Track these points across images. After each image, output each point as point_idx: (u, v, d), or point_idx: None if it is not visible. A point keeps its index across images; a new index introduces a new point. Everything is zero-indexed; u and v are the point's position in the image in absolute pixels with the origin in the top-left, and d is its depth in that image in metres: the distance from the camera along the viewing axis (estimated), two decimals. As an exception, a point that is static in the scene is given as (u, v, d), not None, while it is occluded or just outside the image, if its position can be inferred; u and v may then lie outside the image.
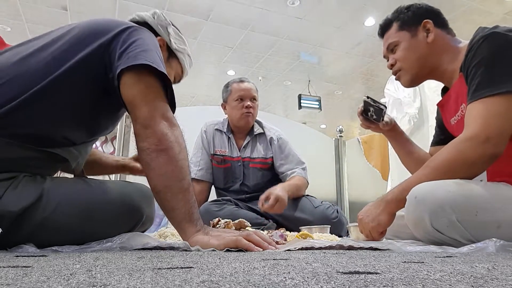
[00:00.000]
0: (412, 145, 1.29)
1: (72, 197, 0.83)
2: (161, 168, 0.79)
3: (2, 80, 0.80)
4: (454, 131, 1.11)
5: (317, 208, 1.71)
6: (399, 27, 1.14)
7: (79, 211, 0.82)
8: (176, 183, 0.79)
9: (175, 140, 0.82)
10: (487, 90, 0.87)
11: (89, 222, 0.83)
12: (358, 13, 4.50)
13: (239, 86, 1.90)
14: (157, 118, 0.81)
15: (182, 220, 0.79)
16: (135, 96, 0.82)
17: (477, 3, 4.29)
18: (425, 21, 1.09)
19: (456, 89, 1.04)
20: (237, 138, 1.94)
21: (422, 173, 0.92)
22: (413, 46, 1.11)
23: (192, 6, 4.29)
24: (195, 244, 0.76)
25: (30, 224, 0.77)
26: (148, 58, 0.83)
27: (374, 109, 1.23)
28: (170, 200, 0.79)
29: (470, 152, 0.87)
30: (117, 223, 0.88)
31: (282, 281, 0.35)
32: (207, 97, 7.21)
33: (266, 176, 1.91)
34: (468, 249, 0.74)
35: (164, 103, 0.85)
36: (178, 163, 0.80)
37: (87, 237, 0.84)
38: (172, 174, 0.79)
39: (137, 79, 0.83)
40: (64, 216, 0.80)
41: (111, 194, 0.89)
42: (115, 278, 0.36)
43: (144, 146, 0.81)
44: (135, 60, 0.82)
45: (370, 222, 0.98)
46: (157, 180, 0.80)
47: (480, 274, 0.40)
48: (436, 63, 1.10)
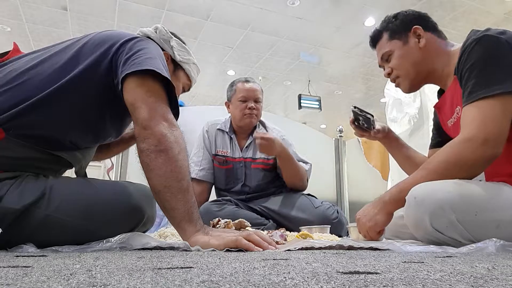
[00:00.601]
0: (408, 149, 1.31)
1: (74, 196, 0.84)
2: (161, 169, 0.80)
3: (17, 82, 0.84)
4: (451, 133, 1.11)
5: (318, 208, 1.71)
6: (389, 36, 1.15)
7: (80, 210, 0.83)
8: (176, 183, 0.80)
9: (174, 140, 0.82)
10: (482, 92, 0.88)
11: (91, 222, 0.84)
12: (358, 13, 4.51)
13: (243, 86, 1.89)
14: (157, 119, 0.82)
15: (182, 220, 0.79)
16: (136, 98, 0.84)
17: (477, 3, 4.29)
18: (414, 27, 1.10)
19: (451, 91, 1.05)
20: (239, 139, 1.93)
21: (420, 174, 0.92)
22: (406, 53, 1.12)
23: (192, 6, 4.29)
24: (195, 244, 0.76)
25: (32, 222, 0.78)
26: (152, 64, 0.86)
27: (363, 118, 1.26)
28: (169, 200, 0.79)
29: (469, 154, 0.87)
30: (118, 223, 0.88)
31: (282, 281, 0.35)
32: (207, 97, 7.22)
33: (268, 177, 1.90)
34: (468, 249, 0.74)
35: (165, 105, 0.86)
36: (178, 164, 0.81)
37: (88, 236, 0.85)
38: (172, 175, 0.80)
39: (139, 83, 0.85)
40: (65, 215, 0.81)
41: (113, 194, 0.90)
42: (115, 278, 0.36)
43: (143, 147, 0.82)
44: (139, 66, 0.85)
45: (367, 222, 0.98)
46: (157, 180, 0.80)
47: (480, 274, 0.40)
48: (431, 67, 1.11)
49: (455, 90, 1.01)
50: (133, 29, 4.74)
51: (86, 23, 4.61)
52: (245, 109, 1.84)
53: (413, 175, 0.94)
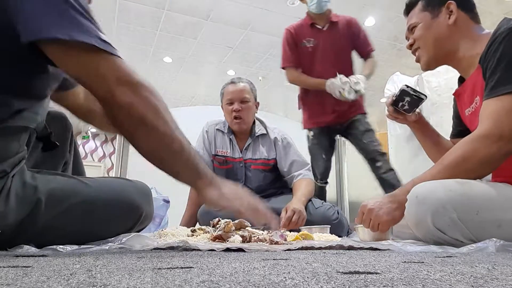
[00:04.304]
0: (438, 136, 1.25)
1: (72, 199, 0.81)
2: (147, 144, 0.73)
3: None
4: (467, 122, 1.09)
5: (318, 209, 1.70)
6: (423, 7, 1.12)
7: (79, 213, 0.82)
8: (167, 151, 0.74)
9: (145, 105, 0.71)
10: (505, 88, 0.86)
11: (90, 222, 0.83)
12: (358, 13, 4.49)
13: (228, 89, 1.87)
14: (115, 88, 0.69)
15: (191, 180, 0.78)
16: (80, 71, 0.70)
17: (477, 3, 4.26)
18: (448, 2, 1.07)
19: (473, 80, 1.01)
20: (238, 139, 1.93)
21: (437, 170, 0.91)
22: (433, 27, 1.09)
23: (192, 6, 4.29)
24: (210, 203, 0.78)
25: (30, 230, 0.77)
26: (78, 26, 0.67)
27: (411, 99, 1.17)
28: (172, 167, 0.76)
29: (484, 150, 0.86)
30: (117, 222, 0.88)
31: (282, 281, 0.35)
32: (207, 97, 7.21)
33: (269, 178, 1.90)
34: (468, 249, 0.74)
35: (112, 64, 0.70)
36: (160, 130, 0.72)
37: (88, 236, 0.84)
38: (159, 145, 0.73)
39: (65, 50, 0.67)
40: (64, 219, 0.80)
41: (110, 192, 0.88)
42: (115, 278, 0.36)
43: (117, 124, 0.72)
44: (60, 30, 0.65)
45: (384, 215, 0.95)
46: (149, 156, 0.75)
47: (480, 274, 0.40)
48: (453, 47, 1.07)
49: (476, 79, 0.98)
50: (133, 29, 4.76)
51: (86, 23, 4.61)
52: (231, 113, 1.83)
53: (430, 171, 0.93)
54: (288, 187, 1.89)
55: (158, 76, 6.17)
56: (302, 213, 1.54)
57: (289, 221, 1.50)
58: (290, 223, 1.50)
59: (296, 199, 1.63)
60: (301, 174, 1.82)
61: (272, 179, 1.91)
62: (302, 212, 1.54)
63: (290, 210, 1.53)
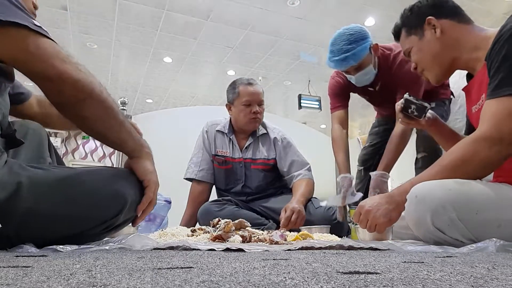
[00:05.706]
0: (457, 136, 1.24)
1: (55, 183, 0.79)
2: (96, 113, 0.78)
3: None
4: (473, 120, 1.09)
5: (318, 209, 1.71)
6: (406, 32, 1.14)
7: (62, 198, 0.78)
8: (114, 119, 0.80)
9: (89, 79, 0.76)
10: (508, 89, 0.85)
11: (74, 208, 0.79)
12: (358, 13, 4.50)
13: (247, 90, 1.84)
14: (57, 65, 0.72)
15: (136, 147, 0.86)
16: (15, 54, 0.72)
17: (477, 3, 4.29)
18: (427, 18, 1.08)
19: (480, 77, 1.01)
20: (239, 139, 1.92)
21: (435, 171, 0.91)
22: (424, 47, 1.10)
23: (192, 6, 4.29)
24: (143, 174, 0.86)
25: (13, 217, 0.74)
26: None
27: (416, 106, 1.21)
28: (119, 134, 0.82)
29: (484, 153, 0.86)
30: (102, 208, 0.84)
31: (282, 281, 0.35)
32: (207, 97, 7.21)
33: (268, 178, 1.90)
34: (468, 249, 0.74)
35: (47, 42, 0.73)
36: (108, 100, 0.79)
37: (77, 224, 0.81)
38: (107, 113, 0.79)
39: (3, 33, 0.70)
40: (48, 204, 0.76)
41: (93, 179, 0.85)
42: (115, 278, 0.36)
43: (66, 101, 0.76)
44: None
45: (382, 217, 0.95)
46: (98, 125, 0.80)
47: (480, 274, 0.40)
48: (454, 55, 1.07)
49: (483, 76, 0.97)
50: (133, 29, 4.76)
51: (86, 23, 4.61)
52: (250, 114, 1.82)
53: (428, 172, 0.93)
54: (288, 187, 1.89)
55: (158, 76, 6.17)
56: (301, 213, 1.54)
57: (288, 221, 1.51)
58: (289, 223, 1.50)
59: (295, 199, 1.63)
60: (300, 174, 1.82)
61: (272, 179, 1.91)
62: (301, 211, 1.55)
63: (289, 209, 1.53)
